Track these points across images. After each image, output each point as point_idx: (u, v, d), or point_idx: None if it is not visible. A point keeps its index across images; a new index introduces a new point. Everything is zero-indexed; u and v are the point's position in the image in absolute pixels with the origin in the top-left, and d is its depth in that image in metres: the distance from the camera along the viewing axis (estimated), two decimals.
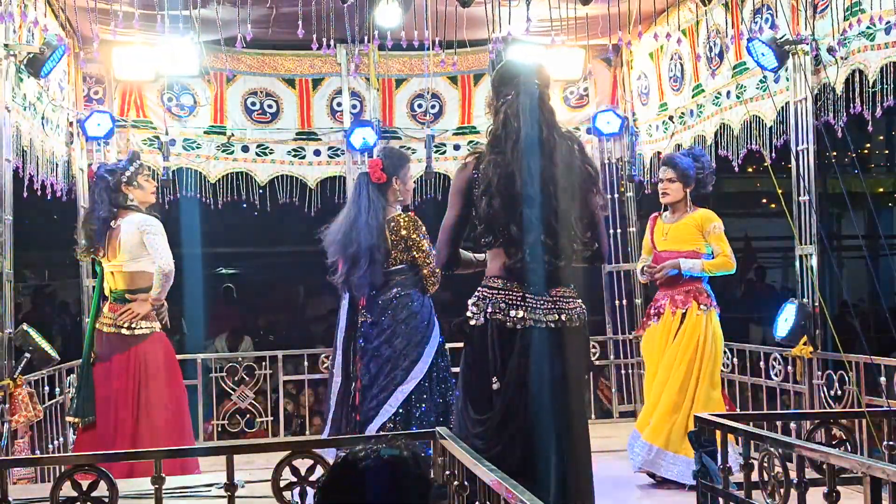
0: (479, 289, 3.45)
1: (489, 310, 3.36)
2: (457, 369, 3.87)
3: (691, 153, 5.48)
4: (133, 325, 5.17)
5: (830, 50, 5.10)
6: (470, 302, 3.44)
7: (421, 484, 1.99)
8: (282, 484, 3.02)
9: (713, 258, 5.27)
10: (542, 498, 2.27)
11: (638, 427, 5.30)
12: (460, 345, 3.59)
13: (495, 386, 3.33)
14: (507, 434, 3.27)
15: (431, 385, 5.09)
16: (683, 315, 5.23)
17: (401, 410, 5.04)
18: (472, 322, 3.38)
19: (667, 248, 5.35)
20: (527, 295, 3.35)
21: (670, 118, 7.00)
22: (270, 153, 7.41)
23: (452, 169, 7.39)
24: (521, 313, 3.34)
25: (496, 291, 3.38)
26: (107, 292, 5.32)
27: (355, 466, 1.96)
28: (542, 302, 3.36)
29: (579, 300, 3.46)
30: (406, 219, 5.16)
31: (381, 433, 4.80)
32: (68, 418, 5.64)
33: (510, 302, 3.35)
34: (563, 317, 3.37)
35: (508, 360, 3.33)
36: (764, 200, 14.66)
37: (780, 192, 4.97)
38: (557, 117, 3.55)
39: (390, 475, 1.95)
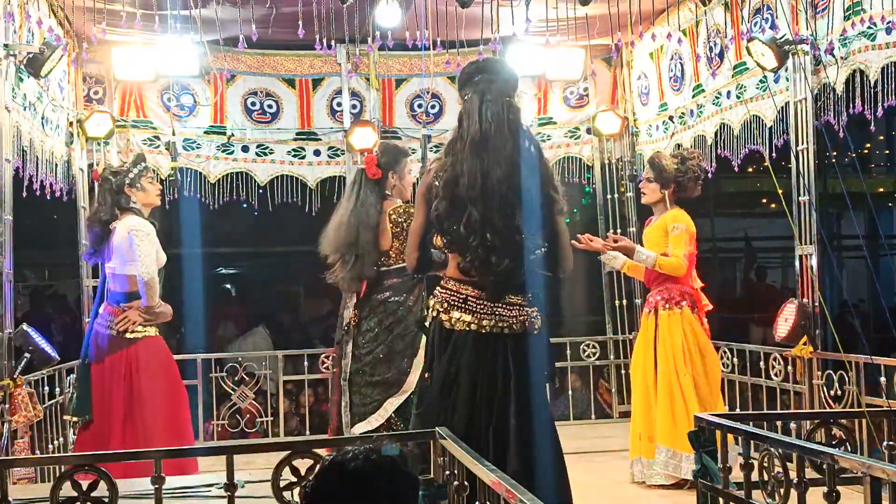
0: (436, 288, 3.51)
1: (436, 308, 3.43)
2: None
3: (681, 155, 5.46)
4: (126, 329, 5.16)
5: (830, 50, 5.10)
6: (429, 299, 3.51)
7: (408, 485, 1.99)
8: (282, 484, 3.02)
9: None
10: None
11: (671, 444, 5.13)
12: None
13: (427, 380, 3.43)
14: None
15: None
16: (657, 318, 5.24)
17: (393, 417, 5.02)
18: (426, 320, 3.47)
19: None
20: (470, 298, 3.38)
21: (670, 118, 7.00)
22: (270, 153, 7.40)
23: None
24: (458, 314, 3.37)
25: (445, 291, 3.44)
26: (106, 294, 5.32)
27: (342, 468, 1.96)
28: (484, 306, 3.38)
29: (531, 308, 3.44)
30: (405, 208, 5.13)
31: (373, 434, 4.79)
32: (66, 417, 5.65)
33: (453, 303, 3.40)
34: (503, 324, 3.38)
35: (441, 360, 3.38)
36: (764, 200, 14.64)
37: (780, 192, 4.98)
38: (521, 115, 3.51)
39: (377, 476, 1.94)
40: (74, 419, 5.24)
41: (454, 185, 3.34)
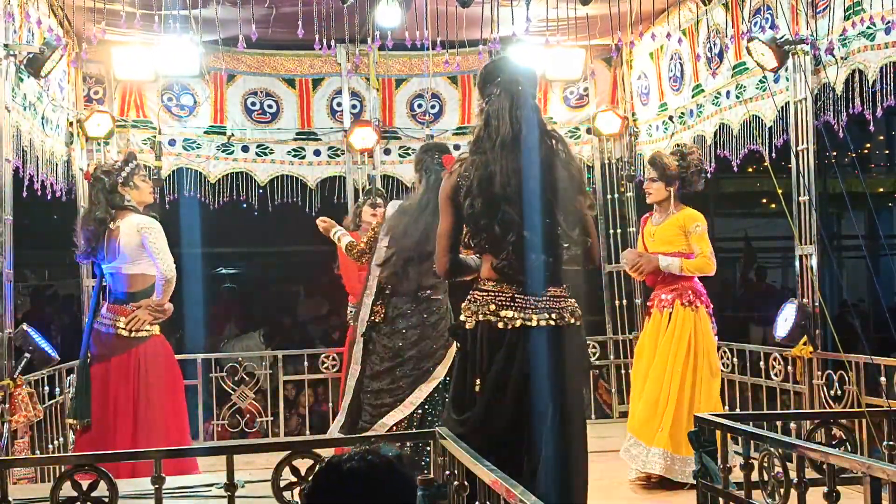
0: (471, 292, 3.47)
1: (480, 311, 3.37)
2: None
3: (680, 151, 5.47)
4: (138, 328, 5.16)
5: (830, 50, 5.10)
6: (463, 306, 3.45)
7: (406, 486, 2.00)
8: (282, 484, 3.02)
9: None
10: None
11: (636, 433, 5.22)
12: None
13: (477, 388, 3.34)
14: (487, 435, 3.24)
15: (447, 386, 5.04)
16: (671, 315, 5.24)
17: (419, 411, 4.99)
18: (466, 325, 3.40)
19: (655, 249, 5.37)
20: (516, 295, 3.36)
21: (670, 118, 7.00)
22: (270, 153, 7.41)
23: None
24: (510, 313, 3.33)
25: (486, 293, 3.38)
26: (105, 293, 5.32)
27: (338, 469, 1.96)
28: (532, 301, 3.35)
29: (572, 300, 3.45)
30: None
31: (390, 433, 4.78)
32: (68, 420, 5.63)
33: (500, 303, 3.35)
34: (553, 315, 3.36)
35: (493, 362, 3.33)
36: (764, 200, 14.66)
37: (780, 192, 4.98)
38: (544, 115, 3.55)
39: (374, 477, 1.95)
40: (76, 423, 5.22)
41: (489, 184, 3.33)
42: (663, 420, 5.13)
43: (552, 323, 3.36)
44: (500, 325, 3.33)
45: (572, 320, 3.40)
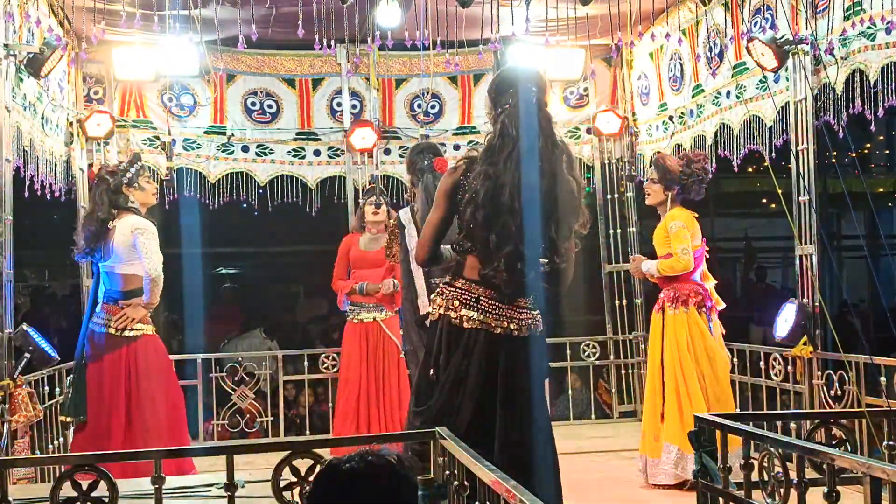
0: (441, 285, 3.54)
1: (444, 305, 3.44)
2: None
3: (687, 156, 5.46)
4: (125, 327, 5.17)
5: (830, 50, 5.10)
6: (431, 297, 3.54)
7: (406, 486, 2.00)
8: (282, 484, 3.02)
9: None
10: None
11: (683, 445, 5.14)
12: None
13: (432, 377, 3.42)
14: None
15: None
16: (664, 318, 5.25)
17: None
18: (431, 317, 3.49)
19: (657, 253, 5.39)
20: (482, 297, 3.40)
21: (670, 118, 7.00)
22: (270, 153, 7.41)
23: None
24: (472, 313, 3.40)
25: (454, 289, 3.45)
26: (101, 292, 5.32)
27: (338, 470, 1.97)
28: (495, 307, 3.41)
29: (536, 311, 3.51)
30: None
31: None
32: (61, 417, 5.64)
33: (464, 301, 3.42)
34: (512, 325, 3.43)
35: (451, 357, 3.40)
36: (764, 200, 14.64)
37: (780, 192, 4.97)
38: (554, 123, 3.56)
39: (374, 478, 1.95)
40: (69, 420, 5.23)
41: (496, 198, 3.35)
42: (666, 417, 5.14)
43: (508, 332, 3.42)
44: (458, 322, 3.40)
45: (527, 333, 3.46)
